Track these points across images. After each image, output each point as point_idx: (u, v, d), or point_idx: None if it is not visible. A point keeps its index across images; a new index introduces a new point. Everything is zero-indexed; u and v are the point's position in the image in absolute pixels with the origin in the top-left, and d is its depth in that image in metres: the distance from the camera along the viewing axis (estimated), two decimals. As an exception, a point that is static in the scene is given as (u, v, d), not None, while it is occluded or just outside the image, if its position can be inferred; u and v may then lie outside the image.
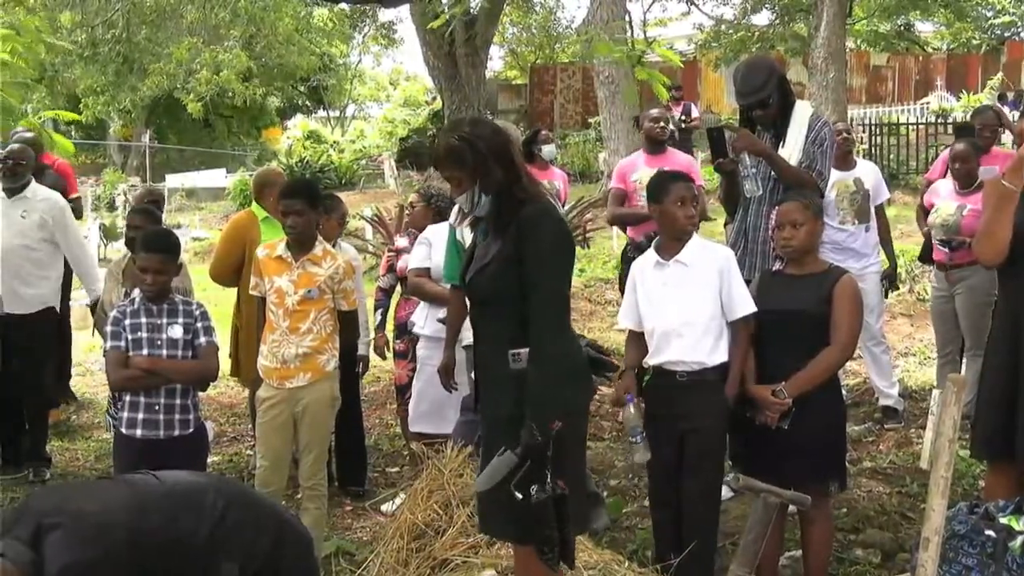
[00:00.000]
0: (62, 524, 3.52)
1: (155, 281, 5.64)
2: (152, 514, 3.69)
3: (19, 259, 8.08)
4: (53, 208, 8.30)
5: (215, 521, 3.75)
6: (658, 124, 8.57)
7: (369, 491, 7.58)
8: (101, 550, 3.49)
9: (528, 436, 4.07)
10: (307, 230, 6.05)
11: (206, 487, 3.98)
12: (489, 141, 4.28)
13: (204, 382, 6.03)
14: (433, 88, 32.11)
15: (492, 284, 4.31)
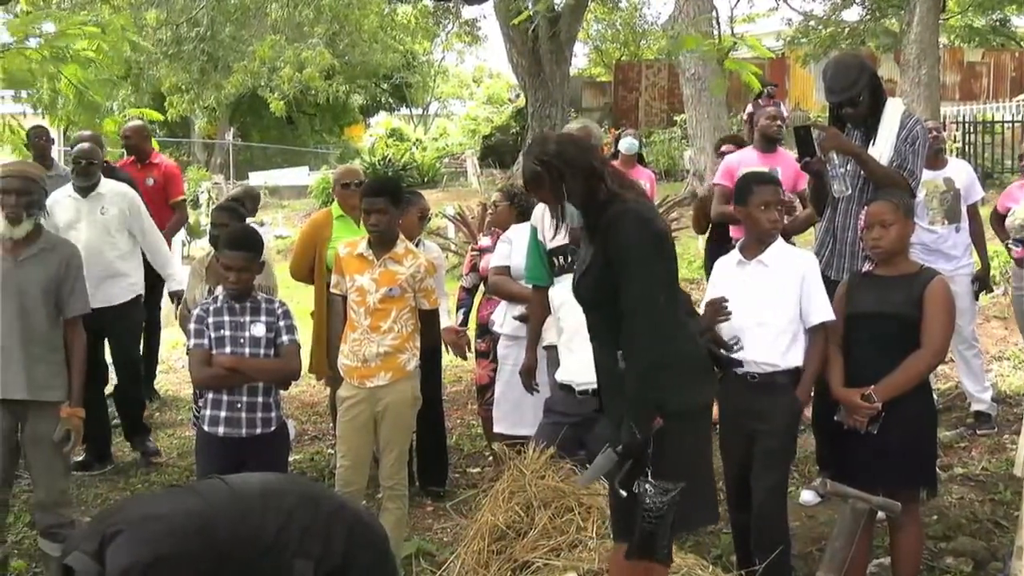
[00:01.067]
0: (124, 530, 3.63)
1: (238, 279, 5.70)
2: (219, 516, 3.78)
3: (106, 255, 8.30)
4: (127, 200, 8.56)
5: (285, 520, 3.82)
6: (775, 122, 8.51)
7: (450, 492, 7.61)
8: (162, 550, 3.59)
9: (627, 435, 4.13)
10: (389, 228, 6.09)
11: (276, 487, 4.07)
12: (564, 158, 4.34)
13: (286, 381, 6.09)
14: (516, 85, 32.18)
15: (592, 289, 4.38)
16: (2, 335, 5.83)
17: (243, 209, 7.70)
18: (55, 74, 11.24)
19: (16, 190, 5.84)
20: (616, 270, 4.19)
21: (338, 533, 3.88)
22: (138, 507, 3.96)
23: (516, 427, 6.87)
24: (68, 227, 8.18)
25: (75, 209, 8.33)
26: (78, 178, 8.38)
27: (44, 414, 5.88)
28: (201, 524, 3.75)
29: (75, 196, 8.40)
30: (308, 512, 3.91)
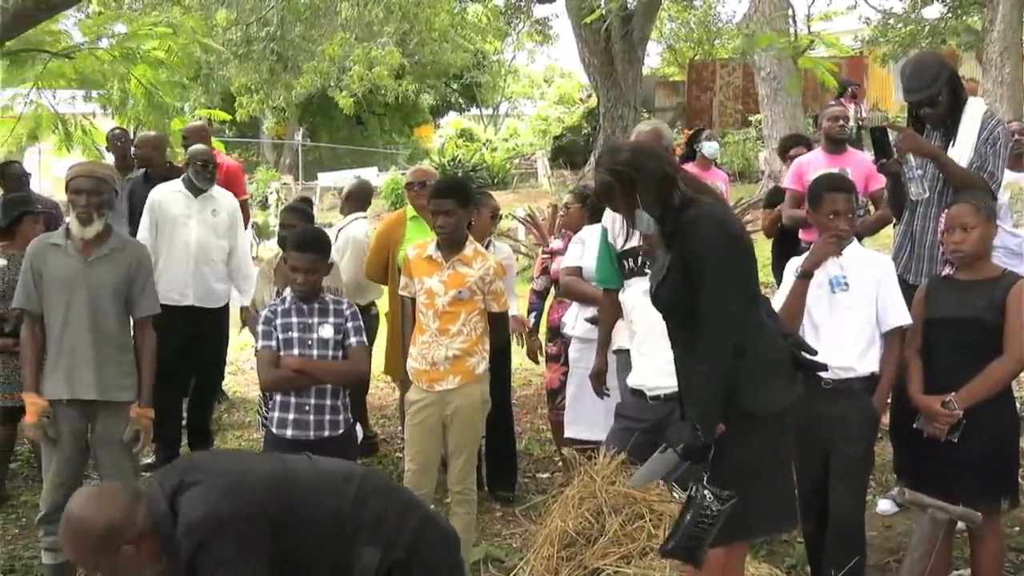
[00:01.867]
0: (202, 481, 3.75)
1: (306, 280, 5.74)
2: (296, 487, 3.88)
3: (213, 256, 8.55)
4: (233, 206, 8.79)
5: (358, 505, 3.89)
6: (837, 122, 8.43)
7: (519, 497, 7.62)
8: (238, 508, 3.67)
9: (689, 435, 4.11)
10: (458, 230, 6.09)
11: (354, 473, 4.13)
12: (636, 167, 4.33)
13: (355, 383, 6.13)
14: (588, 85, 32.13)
15: (671, 295, 4.36)
16: (72, 335, 5.92)
17: (311, 210, 7.77)
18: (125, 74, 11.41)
19: (87, 190, 5.91)
20: (692, 272, 4.18)
21: (408, 527, 3.92)
22: (221, 461, 4.07)
23: (587, 431, 6.87)
24: (177, 222, 8.41)
25: (186, 206, 8.52)
26: (196, 177, 8.52)
27: (114, 414, 5.97)
28: (280, 490, 3.84)
29: (186, 193, 8.54)
30: (382, 501, 3.96)
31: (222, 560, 3.65)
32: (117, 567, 3.75)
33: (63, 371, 5.92)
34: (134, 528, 3.69)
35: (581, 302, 7.10)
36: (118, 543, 3.67)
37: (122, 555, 3.68)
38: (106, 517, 3.70)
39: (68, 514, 3.80)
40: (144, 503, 3.78)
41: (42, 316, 5.98)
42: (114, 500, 3.80)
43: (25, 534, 7.12)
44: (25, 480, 8.05)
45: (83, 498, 3.87)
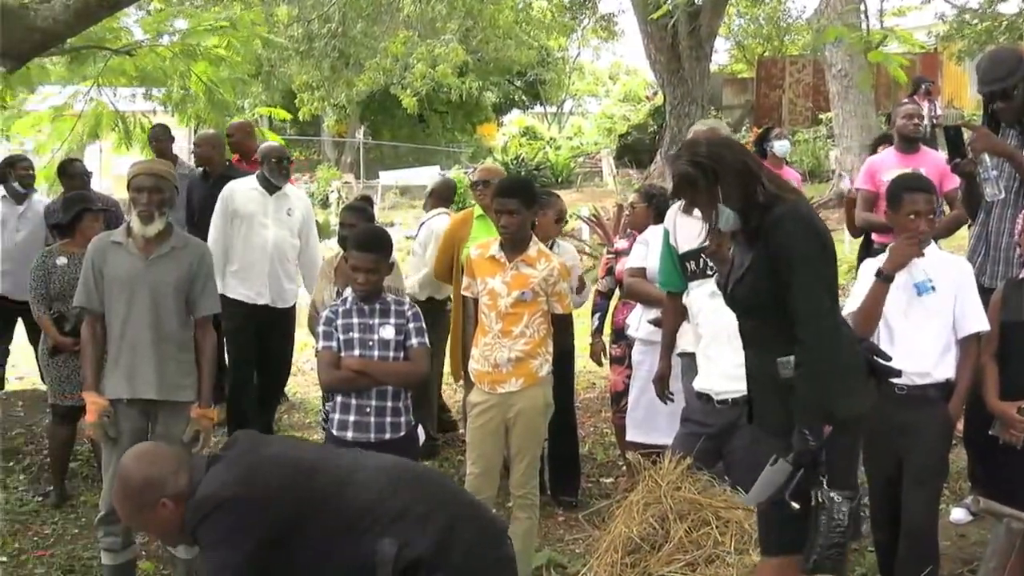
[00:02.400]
0: (226, 458, 3.98)
1: (367, 280, 5.75)
2: (319, 477, 3.97)
3: (288, 256, 8.64)
4: (307, 205, 8.92)
5: (384, 497, 3.93)
6: (911, 120, 8.33)
7: (582, 502, 7.61)
8: (240, 491, 3.84)
9: (800, 442, 4.09)
10: (521, 230, 6.09)
11: (395, 466, 4.20)
12: (721, 160, 4.29)
13: (415, 384, 6.13)
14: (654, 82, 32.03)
15: (750, 293, 4.33)
16: (133, 334, 5.99)
17: (371, 209, 7.79)
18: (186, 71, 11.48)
19: (148, 188, 5.97)
20: (781, 271, 4.16)
21: (435, 523, 3.90)
22: (260, 444, 4.18)
23: (649, 434, 6.87)
24: (253, 220, 8.48)
25: (261, 204, 8.56)
26: (271, 175, 8.55)
27: (174, 414, 6.03)
28: (297, 479, 3.95)
29: (261, 191, 8.57)
30: (412, 495, 3.99)
31: (210, 539, 3.87)
32: (156, 522, 4.00)
33: (124, 370, 5.99)
34: (174, 486, 3.92)
35: (645, 304, 7.09)
36: (157, 497, 3.90)
37: (160, 510, 3.91)
38: (148, 470, 3.97)
39: (119, 466, 4.15)
40: (187, 466, 4.03)
41: (103, 315, 6.06)
42: (159, 456, 4.09)
43: (85, 534, 7.20)
44: (85, 480, 8.12)
45: (133, 452, 4.18)
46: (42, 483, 7.98)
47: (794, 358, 4.14)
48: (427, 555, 3.84)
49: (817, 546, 4.17)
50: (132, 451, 4.24)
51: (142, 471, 3.99)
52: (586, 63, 55.95)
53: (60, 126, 12.11)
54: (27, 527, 7.29)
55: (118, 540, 6.08)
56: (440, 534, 3.89)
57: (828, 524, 4.13)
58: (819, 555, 4.18)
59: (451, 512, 4.01)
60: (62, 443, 7.78)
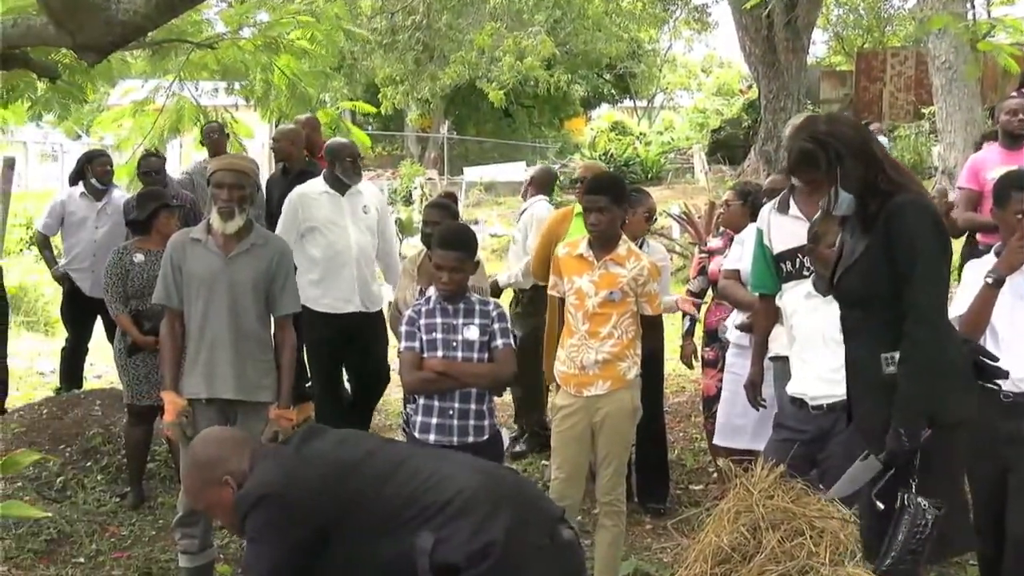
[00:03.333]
0: (273, 455, 4.23)
1: (451, 280, 5.74)
2: (365, 471, 4.11)
3: (370, 256, 8.58)
4: (381, 201, 8.82)
5: (427, 490, 4.01)
6: (1016, 116, 8.19)
7: (671, 509, 7.58)
8: (280, 489, 4.03)
9: (894, 442, 4.06)
10: (610, 228, 6.06)
11: (441, 462, 4.27)
12: (844, 139, 4.24)
13: (500, 387, 6.13)
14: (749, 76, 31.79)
15: (861, 283, 4.28)
16: (212, 332, 6.07)
17: (456, 206, 7.78)
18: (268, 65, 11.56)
19: (228, 184, 6.03)
20: (900, 262, 4.11)
21: (478, 518, 3.93)
22: (303, 439, 4.30)
23: (736, 439, 6.84)
24: (331, 224, 8.32)
25: (335, 206, 8.40)
26: (345, 175, 8.41)
27: (253, 415, 6.09)
28: (340, 475, 4.08)
29: (331, 193, 8.42)
30: (458, 487, 4.03)
31: (252, 533, 4.07)
32: (219, 503, 4.19)
33: (202, 369, 6.07)
34: (236, 465, 4.16)
35: (736, 307, 7.04)
36: (220, 473, 4.14)
37: (223, 490, 4.13)
38: (214, 448, 4.25)
39: (191, 444, 4.49)
40: (251, 452, 4.25)
41: (182, 313, 6.14)
42: (227, 438, 4.40)
43: (162, 536, 7.28)
44: (162, 481, 8.20)
45: (203, 433, 4.51)
46: (119, 484, 8.05)
47: (899, 354, 4.09)
48: (463, 547, 3.86)
49: (893, 549, 4.13)
50: (203, 432, 4.58)
51: (209, 449, 4.26)
52: (678, 55, 55.83)
53: (141, 121, 12.24)
54: (104, 528, 7.38)
55: (196, 542, 6.14)
56: (479, 520, 3.92)
57: (910, 529, 4.09)
58: (894, 559, 4.15)
59: (494, 498, 4.03)
60: (139, 443, 7.87)
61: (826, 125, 4.32)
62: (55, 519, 7.17)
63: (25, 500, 7.30)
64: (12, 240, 19.46)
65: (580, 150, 36.47)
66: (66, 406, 8.82)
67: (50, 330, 14.77)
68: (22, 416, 8.74)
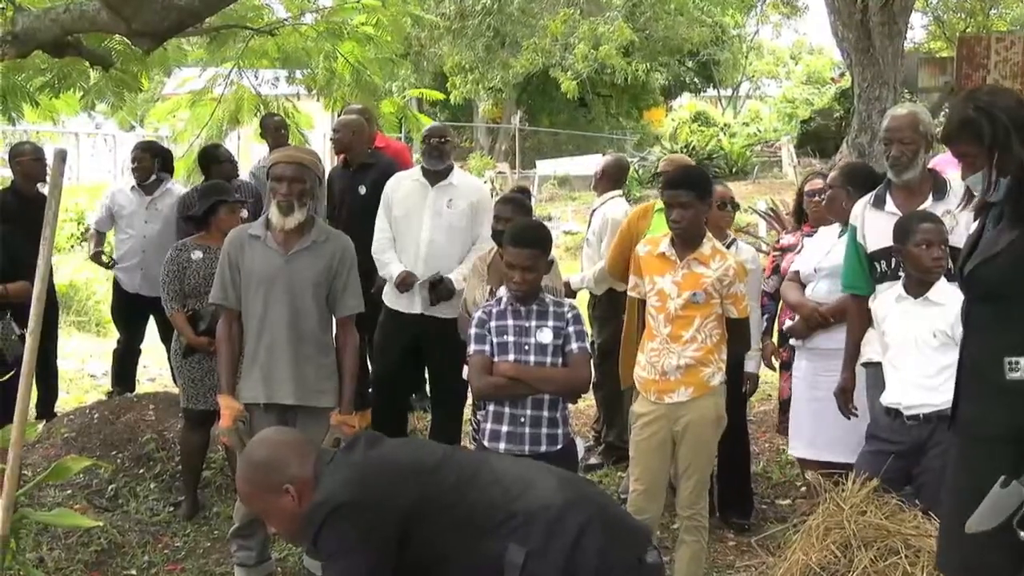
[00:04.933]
0: (341, 460, 4.15)
1: (523, 279, 5.70)
2: (440, 475, 4.09)
3: (446, 256, 8.12)
4: (479, 196, 8.37)
5: (512, 500, 4.00)
6: None
7: (755, 525, 7.53)
8: (355, 497, 3.97)
9: None
10: (693, 225, 6.01)
11: (523, 471, 4.25)
12: (1013, 113, 4.07)
13: (574, 393, 6.09)
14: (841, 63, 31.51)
15: (1000, 276, 4.10)
16: (271, 334, 6.10)
17: (529, 201, 7.74)
18: (331, 52, 11.62)
19: (289, 177, 6.04)
20: None
21: (565, 533, 3.93)
22: (368, 445, 4.25)
23: (811, 448, 6.82)
24: (409, 216, 8.15)
25: (419, 197, 8.17)
26: (428, 159, 8.18)
27: (313, 421, 6.10)
28: (416, 482, 4.05)
29: (422, 182, 8.20)
30: (543, 499, 4.01)
31: (329, 550, 3.99)
32: (278, 512, 4.14)
33: (260, 372, 6.11)
34: (298, 471, 4.10)
35: (792, 309, 7.04)
36: (280, 480, 4.07)
37: (283, 498, 4.07)
38: (273, 451, 4.18)
39: (247, 446, 4.40)
40: (315, 457, 4.19)
41: (239, 313, 6.18)
42: (286, 440, 4.31)
43: (218, 547, 7.32)
44: (218, 490, 8.20)
45: (260, 435, 4.44)
46: (174, 492, 8.08)
47: None
48: (556, 565, 3.85)
49: None
50: (262, 433, 4.49)
51: (268, 452, 4.19)
52: (765, 41, 55.53)
53: (199, 112, 12.34)
54: (158, 539, 7.43)
55: (252, 554, 6.18)
56: (570, 539, 3.91)
57: None
58: None
59: (584, 516, 4.01)
60: (195, 450, 7.86)
61: (990, 96, 4.14)
62: (106, 529, 7.22)
63: (75, 509, 7.37)
64: (62, 236, 19.70)
65: (660, 142, 36.47)
66: (118, 410, 8.86)
67: (101, 330, 14.91)
68: (72, 420, 8.80)
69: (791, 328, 7.02)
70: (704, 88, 52.71)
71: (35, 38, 7.20)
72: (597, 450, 9.16)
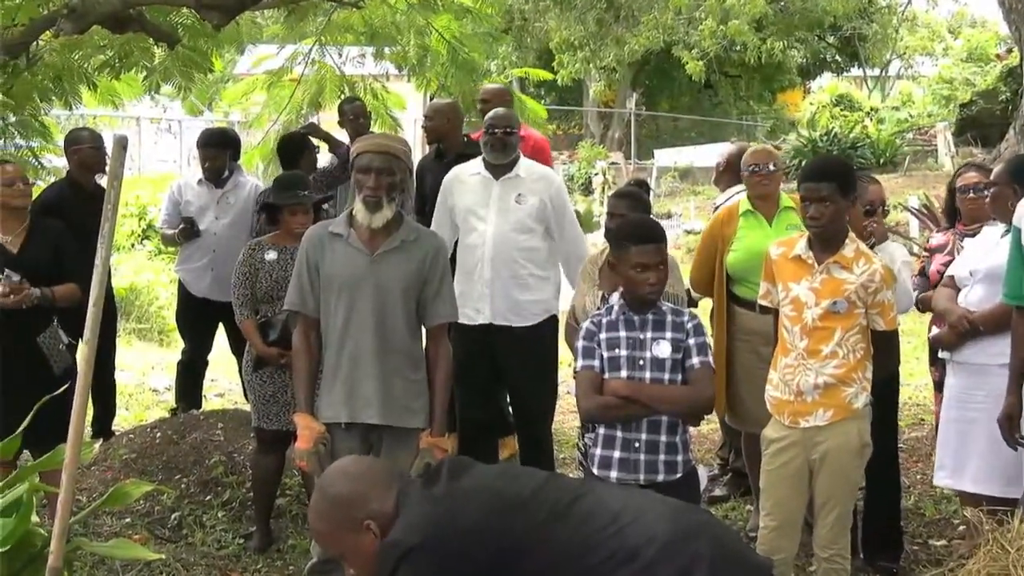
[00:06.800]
0: (420, 493, 4.12)
1: (659, 278, 5.71)
2: (532, 508, 4.06)
3: (515, 256, 8.13)
4: (552, 188, 8.33)
5: (610, 536, 3.96)
6: None
7: (905, 568, 7.46)
8: (434, 536, 3.95)
9: None
10: (833, 223, 5.97)
11: (626, 501, 4.19)
12: None
13: (696, 414, 6.06)
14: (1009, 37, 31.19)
15: None
16: (354, 345, 6.11)
17: (647, 196, 7.70)
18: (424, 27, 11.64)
19: (377, 168, 6.03)
20: None
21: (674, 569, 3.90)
22: (453, 474, 4.23)
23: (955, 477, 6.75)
24: (469, 214, 8.16)
25: (482, 192, 8.22)
26: (491, 152, 8.20)
27: (401, 443, 6.12)
28: (498, 513, 4.04)
29: (484, 175, 8.24)
30: (648, 533, 3.98)
31: None
32: (356, 549, 4.11)
33: (342, 388, 6.12)
34: (380, 506, 4.07)
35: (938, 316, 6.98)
36: (360, 516, 4.05)
37: (363, 535, 4.05)
38: (353, 484, 4.15)
39: (320, 477, 4.36)
40: (398, 489, 4.15)
41: (318, 321, 6.20)
42: (366, 472, 4.27)
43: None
44: (293, 520, 8.24)
45: (338, 464, 4.40)
46: (244, 522, 8.13)
47: None
48: None
49: None
50: (337, 463, 4.45)
51: (346, 484, 4.16)
52: (919, 13, 54.94)
53: (276, 94, 12.40)
54: (225, 574, 7.49)
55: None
56: None
57: None
58: None
59: (695, 551, 3.97)
60: (268, 475, 7.87)
61: None
62: (169, 562, 7.30)
63: (135, 539, 7.45)
64: (122, 234, 19.87)
65: (796, 129, 36.20)
66: (183, 429, 8.96)
67: (165, 339, 15.09)
68: (132, 440, 8.92)
69: (936, 337, 6.93)
70: (847, 67, 52.37)
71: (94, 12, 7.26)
72: (722, 480, 9.13)
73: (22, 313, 7.22)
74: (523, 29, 28.63)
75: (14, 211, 7.45)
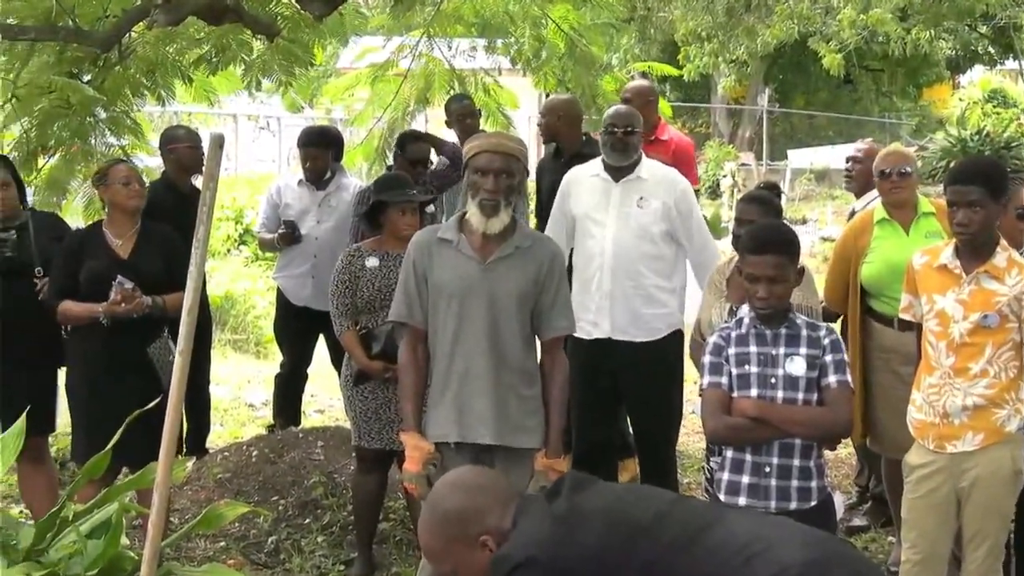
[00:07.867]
0: (538, 510, 4.10)
1: (769, 293, 5.67)
2: (656, 535, 4.02)
3: (637, 265, 8.03)
4: (677, 191, 8.19)
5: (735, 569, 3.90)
6: None
7: (1062, 608, 7.37)
8: (544, 558, 3.93)
9: None
10: (984, 230, 5.91)
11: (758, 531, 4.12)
12: None
13: (832, 437, 6.02)
14: None
15: None
16: (465, 359, 6.10)
17: (779, 200, 7.64)
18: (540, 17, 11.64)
19: (495, 170, 6.00)
20: None
21: None
22: (575, 491, 4.22)
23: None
24: (587, 219, 8.09)
25: (601, 195, 8.14)
26: (611, 154, 8.11)
27: (515, 464, 6.11)
28: (618, 539, 4.00)
29: (603, 177, 8.15)
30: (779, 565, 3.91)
31: None
32: (469, 568, 4.12)
33: (452, 405, 6.11)
34: (497, 522, 4.08)
35: None
36: (476, 531, 4.06)
37: (478, 552, 4.06)
38: (467, 497, 4.16)
39: (432, 489, 4.41)
40: (515, 505, 4.16)
41: (426, 333, 6.20)
42: (484, 484, 4.28)
43: (397, 616, 7.41)
44: (398, 546, 8.25)
45: (453, 474, 4.43)
46: (345, 547, 8.16)
47: None
48: None
49: None
50: (452, 473, 4.48)
51: (462, 497, 4.18)
52: (1083, 0, 54.14)
53: (381, 89, 12.44)
54: (326, 603, 7.54)
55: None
56: None
57: None
58: None
59: None
60: (370, 497, 7.86)
61: None
62: (265, 589, 7.37)
63: (229, 564, 7.52)
64: (218, 238, 19.94)
65: (944, 127, 35.79)
66: (281, 447, 9.02)
67: (262, 351, 15.16)
68: (227, 458, 8.99)
69: None
70: (1002, 60, 51.60)
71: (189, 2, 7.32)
72: (861, 509, 9.06)
73: (132, 322, 7.27)
74: (646, 19, 28.44)
75: (126, 213, 7.54)
